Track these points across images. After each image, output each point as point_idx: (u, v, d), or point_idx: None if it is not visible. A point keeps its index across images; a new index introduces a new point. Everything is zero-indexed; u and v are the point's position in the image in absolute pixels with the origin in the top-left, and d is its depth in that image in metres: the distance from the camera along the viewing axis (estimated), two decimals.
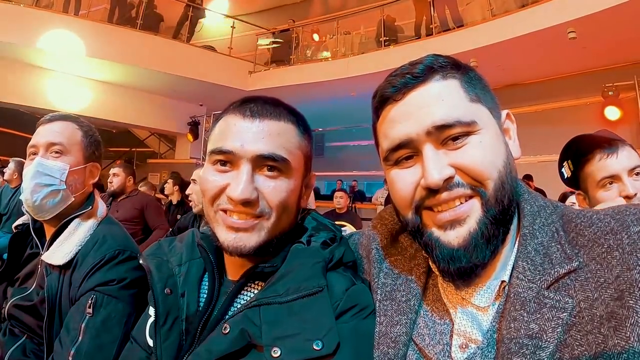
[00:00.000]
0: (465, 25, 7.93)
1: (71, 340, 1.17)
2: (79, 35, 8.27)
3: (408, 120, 0.70)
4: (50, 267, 1.32)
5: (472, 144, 0.68)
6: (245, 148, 0.80)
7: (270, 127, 0.83)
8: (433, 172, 0.67)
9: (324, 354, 0.70)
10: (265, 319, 0.75)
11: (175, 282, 0.90)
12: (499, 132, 0.71)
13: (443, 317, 0.74)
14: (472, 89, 0.71)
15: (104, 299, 1.22)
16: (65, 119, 1.42)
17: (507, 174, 0.68)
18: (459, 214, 0.68)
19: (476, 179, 0.67)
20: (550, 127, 8.22)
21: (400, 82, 0.71)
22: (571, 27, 6.38)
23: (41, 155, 1.35)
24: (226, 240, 0.81)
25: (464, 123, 0.67)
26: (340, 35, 10.08)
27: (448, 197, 0.68)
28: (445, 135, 0.68)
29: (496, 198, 0.67)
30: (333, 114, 11.32)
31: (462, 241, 0.67)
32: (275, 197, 0.83)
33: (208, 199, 0.83)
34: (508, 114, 0.78)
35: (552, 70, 8.17)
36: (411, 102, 0.71)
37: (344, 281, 0.82)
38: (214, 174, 0.83)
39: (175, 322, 0.85)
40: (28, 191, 1.31)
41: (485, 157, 0.67)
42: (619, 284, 0.56)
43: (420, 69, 0.71)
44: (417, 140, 0.69)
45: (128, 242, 1.41)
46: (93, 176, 1.48)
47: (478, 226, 0.67)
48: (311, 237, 0.89)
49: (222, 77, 9.92)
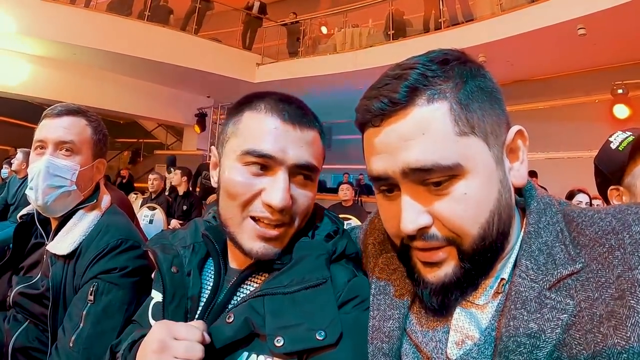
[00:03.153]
0: (475, 20, 7.85)
1: (72, 327, 1.19)
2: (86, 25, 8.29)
3: (385, 155, 0.65)
4: (55, 257, 1.33)
5: (454, 195, 0.62)
6: (287, 155, 0.79)
7: (307, 135, 0.83)
8: (406, 222, 0.63)
9: (327, 343, 0.71)
10: (269, 308, 0.76)
11: (181, 261, 0.91)
12: (492, 170, 0.64)
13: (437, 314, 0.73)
14: (464, 113, 0.62)
15: (105, 286, 1.24)
16: (75, 113, 1.39)
17: (494, 222, 0.63)
18: (435, 259, 0.66)
19: (454, 232, 0.63)
20: (558, 124, 8.17)
21: (377, 107, 0.64)
22: (581, 24, 6.31)
23: (50, 153, 1.32)
24: (254, 248, 0.81)
25: (444, 167, 0.60)
26: (349, 29, 10.01)
27: (423, 245, 0.65)
28: (424, 178, 0.62)
29: (473, 252, 0.64)
30: (340, 107, 11.22)
31: (438, 281, 0.66)
32: (304, 204, 0.84)
33: (239, 202, 0.80)
34: (520, 131, 0.68)
35: (561, 66, 8.08)
36: (389, 134, 0.64)
37: (345, 273, 0.84)
38: (248, 177, 0.80)
39: (181, 300, 0.86)
40: (39, 193, 1.30)
41: (467, 212, 0.62)
42: (620, 283, 0.56)
43: (402, 92, 0.62)
44: (394, 179, 0.65)
45: (131, 231, 1.41)
46: (100, 172, 1.48)
47: (453, 273, 0.65)
48: (315, 231, 0.90)
49: (230, 69, 9.90)
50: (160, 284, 0.88)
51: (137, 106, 11.00)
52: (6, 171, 6.02)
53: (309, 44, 10.82)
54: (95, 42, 8.37)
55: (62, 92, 9.41)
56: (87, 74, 9.82)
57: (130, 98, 10.69)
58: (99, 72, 9.85)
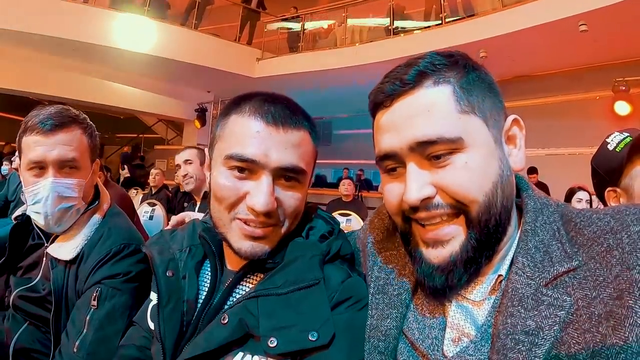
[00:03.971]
0: (476, 15, 7.82)
1: (76, 332, 1.19)
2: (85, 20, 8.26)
3: (393, 132, 0.69)
4: (56, 261, 1.32)
5: (456, 164, 0.65)
6: (270, 159, 0.78)
7: (292, 137, 0.81)
8: (410, 191, 0.66)
9: (319, 344, 0.72)
10: (262, 310, 0.77)
11: (176, 265, 0.92)
12: (492, 147, 0.67)
13: (434, 312, 0.74)
14: (466, 95, 0.67)
15: (108, 291, 1.23)
16: (69, 125, 1.29)
17: (497, 194, 0.66)
18: (442, 236, 0.68)
19: (459, 201, 0.65)
20: (559, 120, 8.17)
21: (389, 89, 0.69)
22: (582, 20, 6.29)
23: (54, 175, 1.25)
24: (242, 247, 0.81)
25: (448, 140, 0.64)
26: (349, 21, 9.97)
27: (426, 216, 0.67)
28: (429, 151, 0.66)
29: (480, 221, 0.65)
30: (340, 102, 11.27)
31: (442, 261, 0.68)
32: (292, 206, 0.83)
33: (225, 205, 0.81)
34: (516, 119, 0.73)
35: (562, 62, 8.07)
36: (398, 111, 0.69)
37: (340, 274, 0.84)
38: (232, 180, 0.80)
39: (177, 303, 0.87)
40: (51, 219, 1.27)
41: (470, 179, 0.65)
42: (619, 283, 0.56)
43: (412, 74, 0.68)
44: (401, 154, 0.68)
45: (133, 234, 1.40)
46: (96, 173, 1.43)
47: (460, 250, 0.67)
48: (309, 231, 0.91)
49: (230, 64, 9.87)
50: (156, 284, 0.90)
51: (137, 101, 10.98)
52: (6, 168, 6.02)
53: (309, 38, 10.79)
54: (93, 37, 8.34)
55: (62, 88, 9.42)
56: (87, 69, 9.78)
57: (130, 93, 10.66)
58: (98, 67, 9.81)
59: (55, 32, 7.96)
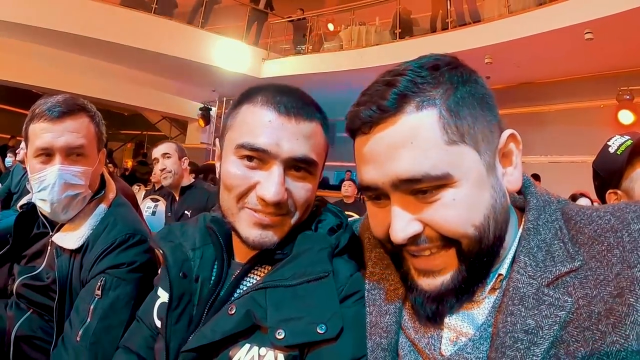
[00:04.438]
0: (482, 21, 7.82)
1: (80, 321, 1.19)
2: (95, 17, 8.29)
3: (374, 165, 0.65)
4: (61, 249, 1.32)
5: (443, 201, 0.62)
6: (281, 148, 0.77)
7: (304, 128, 0.80)
8: (397, 232, 0.64)
9: (327, 337, 0.72)
10: (271, 301, 0.76)
11: (190, 266, 0.90)
12: (483, 177, 0.63)
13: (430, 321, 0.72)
14: (454, 120, 0.62)
15: (112, 281, 1.23)
16: (77, 111, 1.30)
17: (490, 225, 0.63)
18: (433, 266, 0.66)
19: (449, 235, 0.63)
20: (562, 127, 8.15)
21: (366, 115, 0.64)
22: (588, 28, 6.29)
23: (60, 162, 1.25)
24: (251, 236, 0.80)
25: (433, 177, 0.60)
26: (355, 26, 9.98)
27: (416, 249, 0.66)
28: (412, 187, 0.62)
29: (471, 254, 0.63)
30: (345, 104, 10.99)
31: (434, 289, 0.66)
32: (302, 197, 0.83)
33: (235, 194, 0.80)
34: (512, 135, 0.67)
35: (567, 70, 8.05)
36: (378, 141, 0.64)
37: (348, 267, 0.83)
38: (243, 169, 0.79)
39: (187, 306, 0.86)
40: (58, 206, 1.27)
41: (459, 215, 0.62)
42: (619, 281, 0.56)
43: (391, 98, 0.62)
44: (383, 189, 0.65)
45: (138, 225, 1.40)
46: (102, 163, 1.43)
47: (451, 280, 0.65)
48: (319, 224, 0.90)
49: (236, 64, 9.87)
50: (167, 284, 0.88)
51: (141, 98, 11.01)
52: (10, 160, 6.04)
53: (315, 40, 10.80)
54: (101, 34, 8.35)
55: (67, 83, 9.45)
56: (93, 65, 9.79)
57: (135, 90, 10.69)
58: (104, 63, 9.82)
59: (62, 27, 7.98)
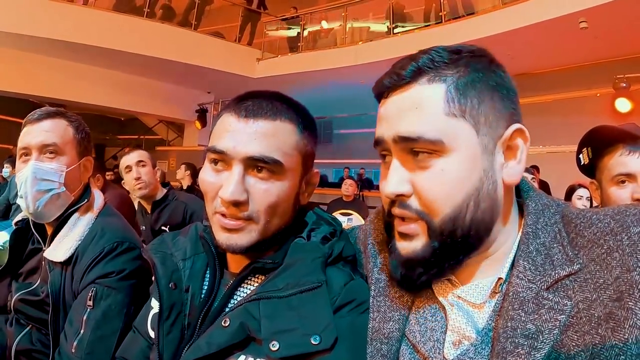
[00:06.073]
0: (475, 13, 7.81)
1: (74, 332, 1.20)
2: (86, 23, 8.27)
3: (384, 123, 0.71)
4: (53, 263, 1.33)
5: (433, 169, 0.65)
6: (237, 149, 0.79)
7: (263, 127, 0.81)
8: (389, 184, 0.68)
9: (322, 348, 0.71)
10: (264, 313, 0.76)
11: (179, 276, 0.90)
12: (476, 156, 0.65)
13: (436, 314, 0.73)
14: (459, 97, 0.65)
15: (103, 291, 1.24)
16: (55, 116, 1.38)
17: (469, 207, 0.65)
18: (408, 231, 0.69)
19: (426, 207, 0.66)
20: (560, 117, 8.13)
21: (387, 82, 0.70)
22: (583, 17, 6.28)
23: (35, 158, 1.31)
24: (220, 239, 0.82)
25: (427, 140, 0.64)
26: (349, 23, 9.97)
27: (399, 213, 0.69)
28: (409, 146, 0.66)
29: (443, 232, 0.66)
30: (341, 101, 11.27)
31: (407, 254, 0.70)
32: (265, 200, 0.81)
33: (208, 199, 0.83)
34: (519, 129, 0.68)
35: (562, 60, 8.05)
36: (391, 104, 0.70)
37: (342, 276, 0.83)
38: (211, 174, 0.83)
39: (178, 316, 0.86)
40: (30, 200, 1.29)
41: (442, 190, 0.65)
42: (619, 285, 0.56)
43: (409, 69, 0.67)
44: (388, 144, 0.70)
45: (127, 233, 1.41)
46: (88, 170, 1.46)
47: (421, 249, 0.68)
48: (311, 232, 0.89)
49: (230, 65, 9.87)
50: (158, 294, 0.88)
51: (137, 103, 10.99)
52: (7, 170, 6.01)
53: (309, 38, 10.79)
54: (95, 39, 8.34)
55: (62, 90, 9.42)
56: (87, 71, 9.78)
57: (130, 95, 10.67)
58: (98, 69, 9.82)
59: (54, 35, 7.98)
